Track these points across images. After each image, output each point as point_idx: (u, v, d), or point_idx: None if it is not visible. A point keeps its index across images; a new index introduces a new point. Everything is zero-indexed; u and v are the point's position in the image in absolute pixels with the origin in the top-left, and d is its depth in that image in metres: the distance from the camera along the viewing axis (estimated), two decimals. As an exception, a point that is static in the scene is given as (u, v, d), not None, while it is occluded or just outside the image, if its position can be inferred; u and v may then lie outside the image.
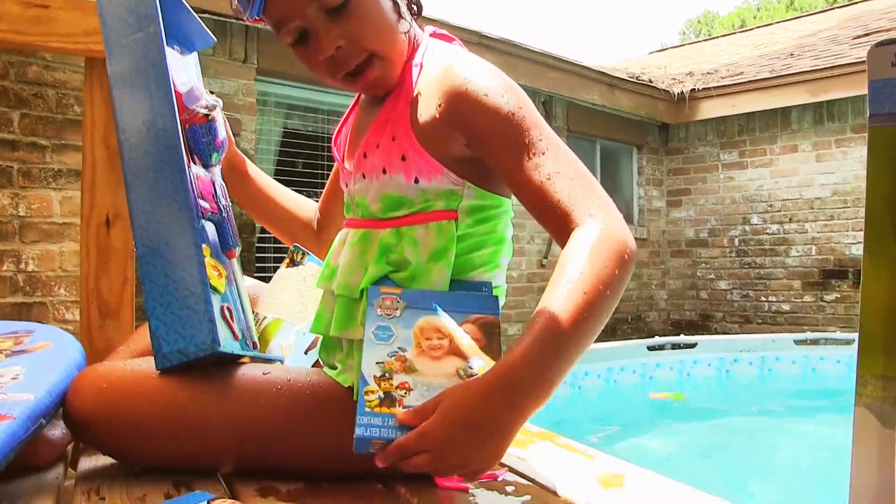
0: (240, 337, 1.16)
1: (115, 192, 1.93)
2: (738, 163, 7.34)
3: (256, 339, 1.22)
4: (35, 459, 1.16)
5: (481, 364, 0.99)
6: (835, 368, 5.50)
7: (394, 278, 1.09)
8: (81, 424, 1.08)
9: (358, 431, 0.95)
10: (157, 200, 1.10)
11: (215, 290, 1.15)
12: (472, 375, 0.98)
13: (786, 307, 6.98)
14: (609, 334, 7.06)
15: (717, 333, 7.17)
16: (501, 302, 1.19)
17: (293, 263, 1.38)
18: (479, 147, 1.07)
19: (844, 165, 6.65)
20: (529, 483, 1.12)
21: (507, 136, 1.04)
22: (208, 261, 1.14)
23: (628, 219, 7.70)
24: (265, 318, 1.34)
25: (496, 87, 1.07)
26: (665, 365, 5.34)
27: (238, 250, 1.24)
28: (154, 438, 1.07)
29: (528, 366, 0.90)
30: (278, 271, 1.39)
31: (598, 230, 0.97)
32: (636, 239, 6.15)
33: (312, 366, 1.29)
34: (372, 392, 0.97)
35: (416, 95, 1.11)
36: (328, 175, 1.51)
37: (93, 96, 1.87)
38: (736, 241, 7.35)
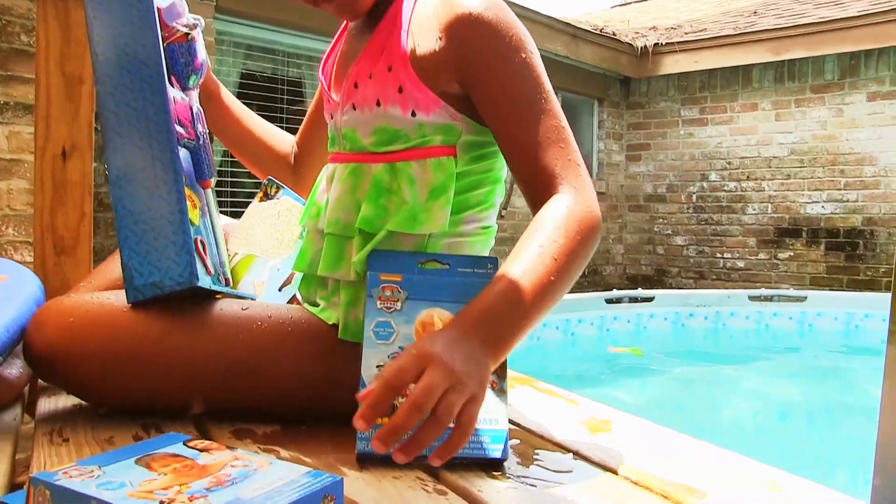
0: (212, 272, 1.10)
1: (71, 123, 1.83)
2: (699, 119, 7.35)
3: (229, 276, 1.16)
4: (-9, 399, 1.10)
5: None
6: (787, 325, 5.59)
7: (392, 220, 1.02)
8: (45, 361, 1.01)
9: (359, 447, 0.89)
10: (133, 122, 1.02)
11: (191, 221, 1.08)
12: None
13: (740, 264, 7.06)
14: (566, 287, 7.08)
15: (672, 289, 7.23)
16: (490, 244, 1.14)
17: (267, 197, 1.31)
18: (476, 87, 1.01)
19: (803, 125, 6.69)
20: (515, 427, 1.08)
21: (509, 85, 0.99)
22: (186, 192, 1.08)
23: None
24: (236, 254, 1.28)
25: (504, 26, 1.01)
26: (622, 318, 5.37)
27: (213, 181, 1.16)
28: (124, 376, 1.01)
29: (493, 318, 0.88)
30: (251, 205, 1.32)
31: (576, 203, 0.97)
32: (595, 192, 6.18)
33: (288, 302, 1.24)
34: None
35: (414, 25, 1.04)
36: (287, 119, 1.44)
37: (46, 18, 1.77)
38: (694, 197, 7.39)
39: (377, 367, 0.92)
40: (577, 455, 0.97)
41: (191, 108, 1.13)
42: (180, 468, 0.74)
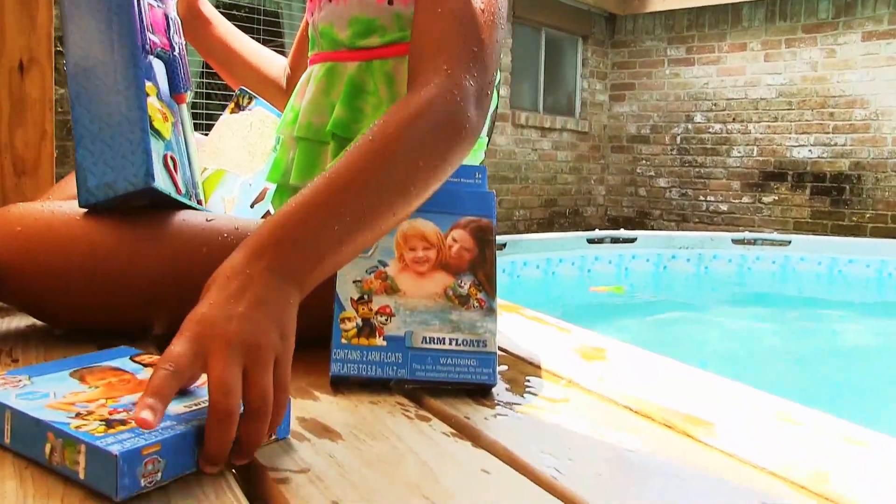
0: (183, 191, 1.01)
1: (29, 34, 1.71)
2: (685, 59, 7.23)
3: (202, 197, 1.07)
4: (-64, 317, 1.01)
5: (472, 280, 0.86)
6: (770, 269, 5.57)
7: (368, 123, 0.94)
8: (-9, 274, 0.92)
9: (333, 368, 0.81)
10: (93, 11, 0.92)
11: (159, 134, 0.99)
12: (462, 296, 0.85)
13: (723, 207, 7.01)
14: (546, 227, 7.03)
15: (654, 231, 7.19)
16: (480, 157, 1.06)
17: (238, 108, 1.21)
18: None
19: (793, 66, 6.59)
20: (503, 353, 1.01)
21: None
22: (153, 101, 0.98)
23: (570, 111, 7.58)
24: (205, 169, 1.19)
25: None
26: (604, 258, 5.32)
27: (189, 95, 1.07)
28: (77, 291, 0.92)
29: (298, 219, 0.68)
30: (221, 117, 1.22)
31: (436, 90, 0.78)
32: (577, 132, 6.04)
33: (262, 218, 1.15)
34: (349, 319, 0.83)
35: None
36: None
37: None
38: (678, 138, 7.30)
39: (354, 282, 0.84)
40: (571, 383, 0.90)
41: (167, 16, 1.03)
42: (115, 382, 0.66)
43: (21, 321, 1.07)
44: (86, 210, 0.95)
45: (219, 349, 0.58)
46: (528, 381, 0.90)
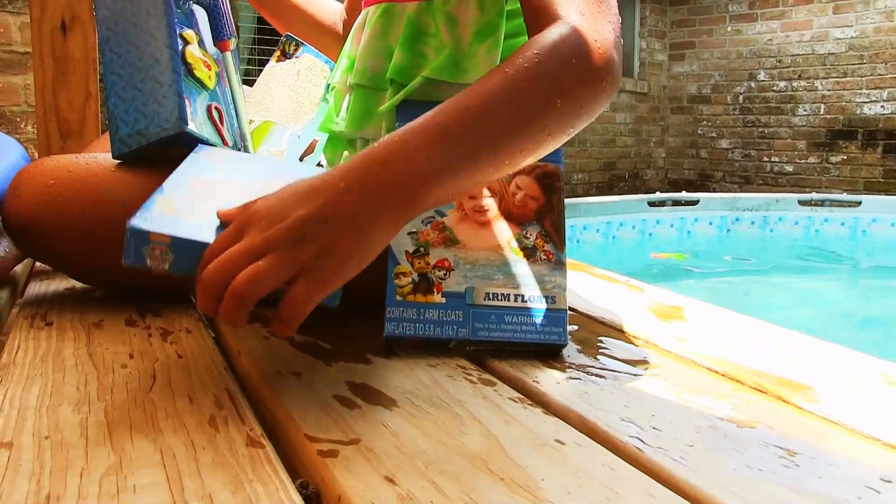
0: (230, 144, 0.95)
1: (71, -8, 1.66)
2: (748, 14, 6.96)
3: (252, 150, 1.00)
4: (-28, 280, 0.96)
5: (538, 230, 0.78)
6: (838, 231, 5.36)
7: (430, 69, 0.86)
8: (23, 230, 0.86)
9: (387, 328, 0.74)
10: None
11: (201, 83, 0.93)
12: (527, 248, 0.77)
13: (789, 168, 6.77)
14: (605, 191, 6.88)
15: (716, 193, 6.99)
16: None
17: (284, 56, 1.14)
18: None
19: (865, 17, 6.27)
20: (571, 312, 0.93)
21: None
22: (193, 49, 0.92)
23: (628, 72, 7.38)
24: (251, 121, 1.12)
25: None
26: (665, 222, 5.18)
27: (234, 42, 1.00)
28: (112, 248, 0.86)
29: (402, 148, 0.62)
30: (267, 66, 1.15)
31: (573, 30, 0.69)
32: (635, 93, 5.85)
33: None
34: (404, 274, 0.75)
35: None
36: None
37: None
38: (740, 98, 7.05)
39: (409, 233, 0.77)
40: (648, 343, 0.82)
41: None
42: None
43: (61, 284, 1.02)
44: (121, 162, 0.89)
45: (247, 235, 0.58)
46: (601, 341, 0.81)
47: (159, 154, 0.88)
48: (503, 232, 0.78)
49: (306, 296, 0.57)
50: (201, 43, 0.94)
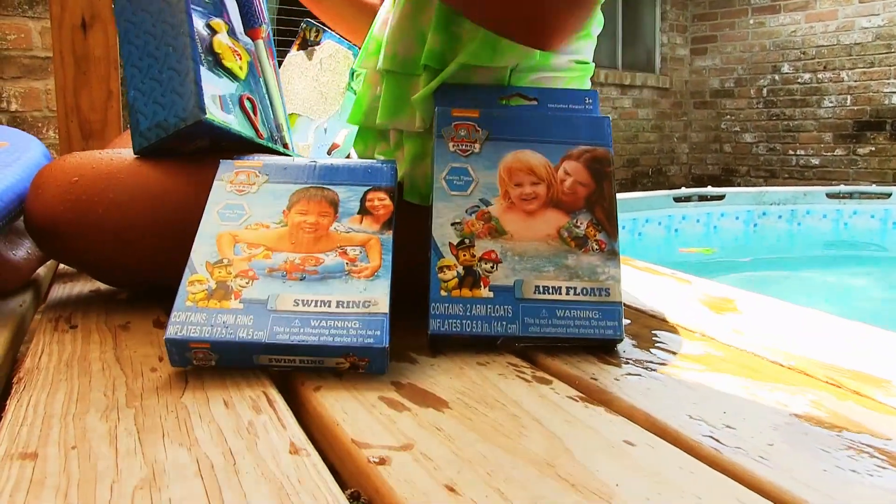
0: (265, 136, 0.91)
1: (91, -10, 1.63)
2: (770, 6, 6.87)
3: (290, 140, 0.96)
4: (-6, 284, 0.93)
5: (589, 218, 0.73)
6: (868, 223, 5.26)
7: (465, 50, 0.81)
8: (46, 230, 0.82)
9: (432, 326, 0.69)
10: None
11: (231, 74, 0.89)
12: (578, 237, 0.72)
13: (815, 161, 6.67)
14: (629, 188, 6.81)
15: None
16: (587, 84, 0.92)
17: (305, 44, 1.09)
18: None
19: (893, 5, 6.16)
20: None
21: None
22: (222, 38, 0.88)
23: (649, 67, 7.31)
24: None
25: None
26: (691, 217, 5.10)
27: (267, 29, 0.96)
28: (140, 247, 0.82)
29: None
30: (288, 56, 1.11)
31: None
32: (657, 89, 5.79)
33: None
34: (448, 268, 0.71)
35: None
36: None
37: None
38: (764, 91, 6.96)
39: (452, 224, 0.72)
40: (705, 336, 0.77)
41: None
42: (308, 224, 0.72)
43: (85, 286, 0.99)
44: (146, 158, 0.85)
45: None
46: (656, 335, 0.77)
47: (182, 147, 0.85)
48: (552, 221, 0.73)
49: None
50: (231, 32, 0.90)
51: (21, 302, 0.90)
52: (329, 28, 1.11)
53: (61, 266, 1.13)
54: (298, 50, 1.09)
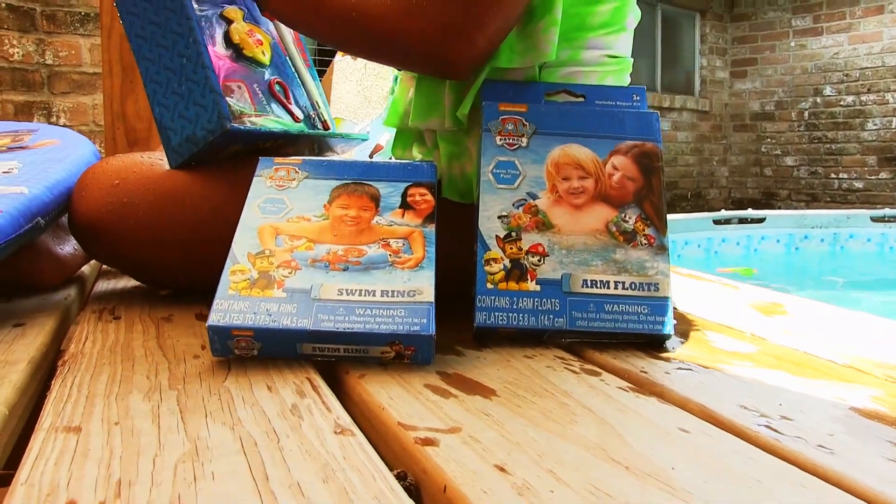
0: (301, 117, 0.90)
1: None
2: (812, 29, 6.80)
3: (329, 117, 0.96)
4: (41, 278, 0.93)
5: (638, 213, 0.72)
6: (913, 247, 5.16)
7: (498, 53, 0.80)
8: (88, 231, 0.83)
9: (478, 318, 0.68)
10: None
11: (256, 62, 0.89)
12: (626, 231, 0.71)
13: (858, 184, 6.57)
14: (668, 210, 6.75)
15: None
16: (625, 80, 0.91)
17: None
18: None
19: (936, 26, 6.09)
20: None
21: None
22: (238, 27, 0.88)
23: (689, 90, 7.26)
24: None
25: None
26: (731, 240, 5.04)
27: None
28: (181, 250, 0.83)
29: None
30: (334, 60, 1.11)
31: None
32: (697, 111, 5.70)
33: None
34: (495, 260, 0.70)
35: None
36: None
37: None
38: (805, 114, 6.88)
39: (499, 217, 0.71)
40: (756, 337, 0.75)
41: None
42: (350, 217, 0.72)
43: (128, 282, 0.99)
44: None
45: None
46: (706, 334, 0.75)
47: (218, 154, 0.85)
48: (600, 215, 0.72)
49: None
50: (247, 17, 0.90)
51: (66, 295, 0.90)
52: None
53: (105, 266, 1.14)
54: (344, 55, 1.10)
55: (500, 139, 0.74)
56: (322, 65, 4.39)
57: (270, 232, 0.69)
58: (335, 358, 0.63)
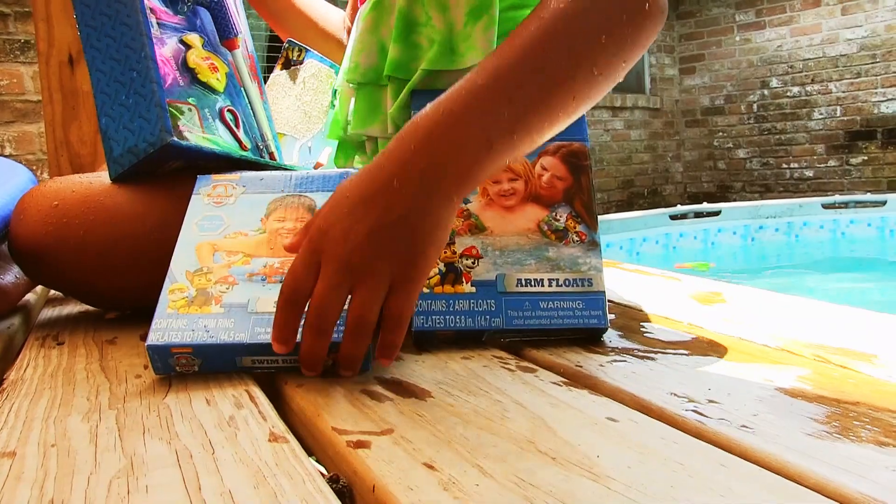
0: (249, 146, 0.91)
1: (76, 25, 1.65)
2: (755, 23, 6.93)
3: (275, 150, 0.96)
4: (-17, 309, 0.92)
5: (568, 211, 0.73)
6: (865, 232, 5.27)
7: (427, 60, 0.82)
8: (29, 255, 0.83)
9: (416, 322, 0.69)
10: None
11: (208, 87, 0.89)
12: (558, 230, 0.72)
13: (809, 173, 6.69)
14: (625, 208, 6.83)
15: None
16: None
17: (288, 64, 1.11)
18: None
19: (875, 16, 6.22)
20: (609, 303, 0.88)
21: None
22: (193, 55, 0.89)
23: (640, 88, 7.35)
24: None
25: None
26: (689, 234, 5.11)
27: (242, 39, 0.97)
28: (123, 269, 0.83)
29: (450, 120, 0.58)
30: (272, 75, 1.12)
31: None
32: (649, 109, 5.80)
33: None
34: None
35: None
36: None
37: None
38: (754, 106, 7.00)
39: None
40: (693, 326, 0.77)
41: None
42: (286, 230, 0.71)
43: (74, 308, 0.99)
44: (125, 181, 0.85)
45: (327, 266, 0.57)
46: (643, 326, 0.77)
47: (158, 169, 0.85)
48: (531, 215, 0.73)
49: (406, 304, 0.58)
50: (207, 45, 0.91)
51: (9, 325, 0.90)
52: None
53: (52, 292, 1.13)
54: (282, 69, 1.10)
55: None
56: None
57: (208, 249, 0.70)
58: (274, 369, 0.63)
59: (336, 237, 0.57)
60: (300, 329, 0.58)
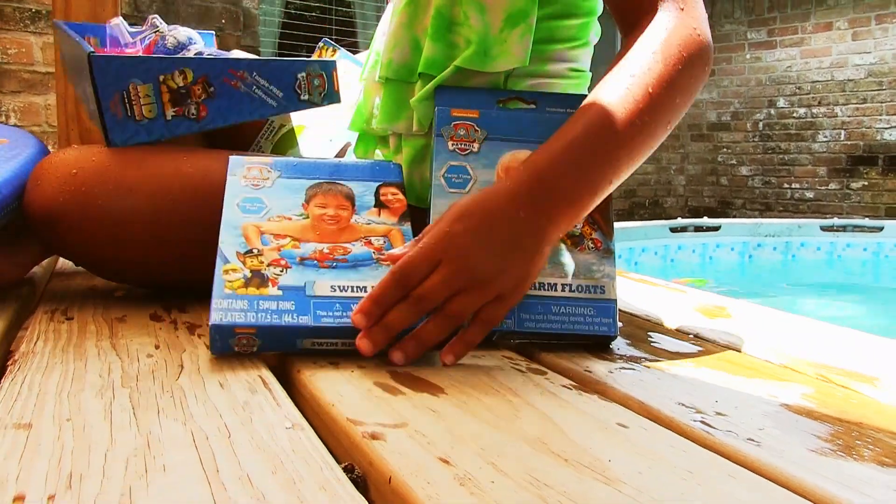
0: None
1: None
2: (767, 42, 6.93)
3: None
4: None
5: (586, 218, 0.74)
6: (861, 256, 5.28)
7: (461, 58, 0.82)
8: (45, 223, 0.83)
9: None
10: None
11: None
12: (574, 235, 0.73)
13: (809, 195, 6.70)
14: (626, 218, 6.83)
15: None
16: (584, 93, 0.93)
17: (319, 58, 1.11)
18: None
19: (883, 44, 6.23)
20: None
21: None
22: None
23: (647, 101, 7.34)
24: (283, 125, 1.09)
25: None
26: (687, 247, 5.12)
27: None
28: (139, 241, 0.83)
29: (569, 161, 0.67)
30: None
31: (678, 23, 0.73)
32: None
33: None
34: None
35: None
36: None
37: None
38: (760, 125, 7.01)
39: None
40: (699, 338, 0.77)
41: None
42: (328, 216, 0.74)
43: (83, 281, 0.99)
44: (144, 148, 0.85)
45: (448, 266, 0.63)
46: (650, 336, 0.77)
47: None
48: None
49: (501, 314, 0.65)
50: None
51: (17, 296, 0.90)
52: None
53: (58, 265, 1.14)
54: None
55: (452, 144, 0.76)
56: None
57: (255, 231, 0.71)
58: (333, 351, 0.65)
59: (465, 246, 0.63)
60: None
